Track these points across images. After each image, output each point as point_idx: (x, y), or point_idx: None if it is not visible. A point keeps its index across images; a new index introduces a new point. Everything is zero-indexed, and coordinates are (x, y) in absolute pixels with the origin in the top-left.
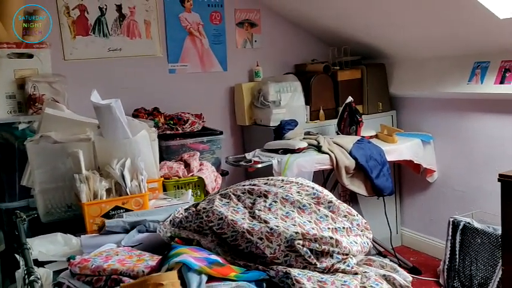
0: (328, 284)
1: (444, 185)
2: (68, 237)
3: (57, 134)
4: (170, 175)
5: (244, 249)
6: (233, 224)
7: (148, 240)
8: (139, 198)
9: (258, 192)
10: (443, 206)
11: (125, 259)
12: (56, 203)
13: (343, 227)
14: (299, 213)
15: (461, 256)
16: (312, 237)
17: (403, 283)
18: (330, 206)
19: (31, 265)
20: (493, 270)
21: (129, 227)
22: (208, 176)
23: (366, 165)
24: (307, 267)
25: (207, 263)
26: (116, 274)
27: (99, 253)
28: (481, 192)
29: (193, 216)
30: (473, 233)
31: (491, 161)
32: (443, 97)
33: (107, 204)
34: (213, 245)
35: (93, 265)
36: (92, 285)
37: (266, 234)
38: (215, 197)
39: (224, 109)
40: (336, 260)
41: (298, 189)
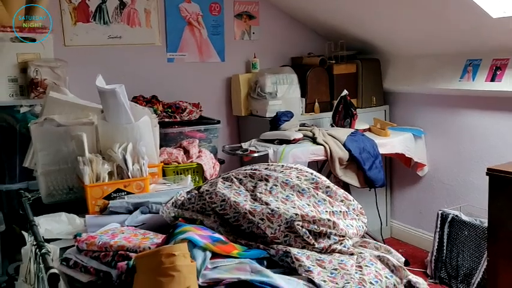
0: (326, 263)
1: (434, 179)
2: (72, 216)
3: (61, 117)
4: (170, 161)
5: (246, 230)
6: (235, 205)
7: (151, 221)
8: (141, 182)
9: (259, 176)
10: (432, 200)
11: (131, 237)
12: (57, 185)
13: (340, 211)
14: (298, 197)
15: (448, 247)
16: (310, 219)
17: (396, 263)
18: (327, 191)
19: (41, 240)
20: (479, 261)
21: (132, 208)
22: (206, 163)
23: (359, 157)
24: (306, 247)
25: (211, 241)
26: (123, 250)
27: (105, 231)
28: (469, 186)
29: (196, 198)
30: (460, 226)
31: (480, 157)
32: (436, 93)
33: (109, 187)
34: (216, 225)
35: (100, 242)
36: (99, 260)
37: (267, 215)
38: (218, 180)
39: (221, 99)
40: (333, 241)
41: (298, 174)
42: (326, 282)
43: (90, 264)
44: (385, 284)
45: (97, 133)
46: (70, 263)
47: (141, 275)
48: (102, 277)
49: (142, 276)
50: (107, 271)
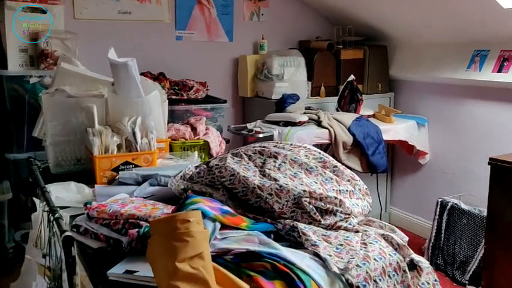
0: (332, 238)
1: (435, 167)
2: (81, 186)
3: (72, 89)
4: (177, 137)
5: (254, 204)
6: (244, 180)
7: (160, 193)
8: (149, 156)
9: (268, 153)
10: (432, 188)
11: (140, 206)
12: (66, 155)
13: (346, 190)
14: (306, 175)
15: (446, 235)
16: (318, 196)
17: (400, 242)
18: (334, 170)
19: (53, 205)
20: (475, 249)
21: (141, 180)
22: (213, 140)
23: (363, 142)
24: (312, 223)
25: (220, 212)
26: (133, 218)
27: (115, 200)
28: (469, 176)
29: (205, 172)
30: (459, 214)
31: (482, 147)
32: (441, 82)
33: (118, 159)
34: (225, 198)
35: (110, 210)
36: (110, 227)
37: (275, 190)
38: (227, 155)
39: (227, 79)
40: (339, 218)
41: (306, 153)
42: (331, 257)
43: (101, 231)
44: (389, 261)
45: (107, 106)
46: (80, 230)
47: (156, 239)
48: (112, 244)
49: (157, 240)
50: (117, 238)
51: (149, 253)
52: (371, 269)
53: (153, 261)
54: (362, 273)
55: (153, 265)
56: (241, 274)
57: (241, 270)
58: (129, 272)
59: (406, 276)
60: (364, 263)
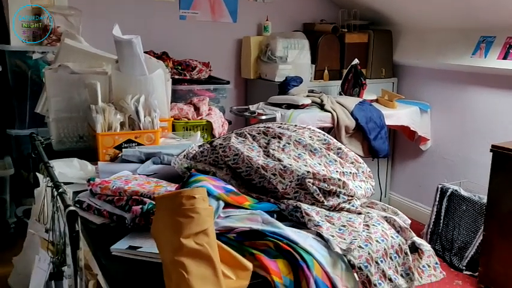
0: (335, 219)
1: (436, 153)
2: (84, 162)
3: (75, 65)
4: (180, 116)
5: (257, 184)
6: (248, 160)
7: (163, 171)
8: (152, 134)
9: (273, 133)
10: (432, 174)
11: (144, 184)
12: (68, 132)
13: (350, 172)
14: (310, 156)
15: (445, 221)
16: (321, 177)
17: (402, 225)
18: (339, 152)
19: (57, 180)
20: (474, 235)
21: (144, 158)
22: (216, 121)
23: (366, 127)
24: (315, 204)
25: (224, 191)
26: (137, 195)
27: (118, 177)
28: (470, 163)
29: (209, 151)
30: (459, 200)
31: (484, 134)
32: (446, 68)
33: (120, 137)
34: (228, 178)
35: (114, 186)
36: (113, 204)
37: (279, 171)
38: (231, 135)
39: (230, 60)
40: (342, 200)
41: (311, 134)
42: (334, 238)
43: (104, 207)
44: (391, 243)
45: (110, 83)
46: (83, 206)
47: (161, 215)
48: (116, 220)
49: (162, 216)
50: (120, 215)
51: (154, 229)
52: (373, 250)
53: (158, 237)
54: (364, 254)
55: (158, 240)
56: (244, 252)
57: (244, 249)
58: (132, 248)
59: (408, 259)
60: (366, 245)
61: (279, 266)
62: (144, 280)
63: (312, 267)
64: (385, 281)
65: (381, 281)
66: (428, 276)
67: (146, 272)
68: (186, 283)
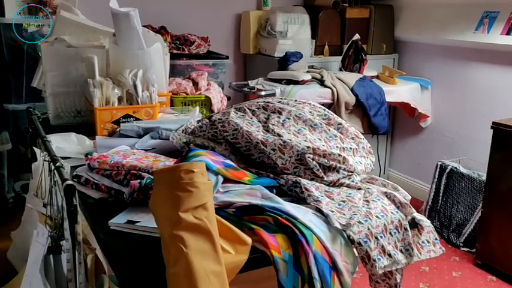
0: (335, 194)
1: (435, 130)
2: (81, 137)
3: (72, 39)
4: (178, 91)
5: (257, 159)
6: (248, 135)
7: (161, 146)
8: (150, 109)
9: (273, 108)
10: (431, 151)
11: (142, 158)
12: (65, 107)
13: (350, 148)
14: (310, 131)
15: (444, 198)
16: (321, 152)
17: (402, 200)
18: (339, 127)
19: (54, 154)
20: (472, 212)
21: (142, 132)
22: (215, 96)
23: (366, 103)
24: (315, 179)
25: (223, 166)
26: (135, 170)
27: (116, 152)
28: (470, 140)
29: (208, 126)
30: (458, 177)
31: (485, 111)
32: (447, 44)
33: (118, 111)
34: (227, 153)
35: (112, 161)
36: (111, 178)
37: (279, 146)
38: (230, 110)
39: (229, 35)
40: (342, 175)
41: (311, 109)
42: (334, 213)
43: (102, 181)
44: (391, 218)
45: (107, 57)
46: (81, 180)
47: (159, 189)
48: (114, 195)
49: (160, 190)
50: (118, 189)
51: (152, 203)
52: (372, 226)
53: (156, 211)
54: (363, 229)
55: (156, 215)
56: (243, 227)
57: (243, 223)
58: (130, 222)
59: (407, 234)
60: (366, 220)
61: (278, 241)
62: (143, 254)
63: (311, 242)
64: (384, 256)
65: (380, 256)
66: (427, 252)
67: (145, 246)
68: (184, 257)
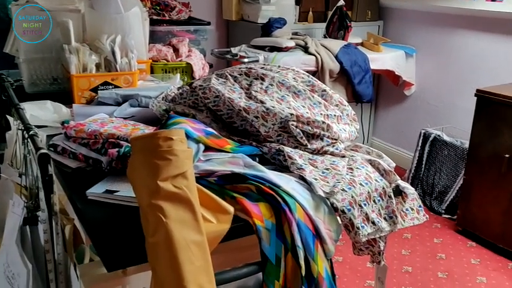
0: (318, 162)
1: (419, 99)
2: (58, 105)
3: (45, 1)
4: (158, 58)
5: (239, 127)
6: (230, 101)
7: (141, 114)
8: (129, 76)
9: (255, 74)
10: (415, 119)
11: (121, 126)
12: (41, 74)
13: (334, 115)
14: (294, 98)
15: (426, 166)
16: (305, 120)
17: (386, 168)
18: (323, 94)
19: (28, 122)
20: (454, 180)
21: (121, 100)
22: (196, 63)
23: (350, 70)
24: (298, 147)
25: (204, 134)
26: (113, 138)
27: (94, 120)
28: (454, 108)
29: (188, 93)
30: (441, 145)
31: (469, 79)
32: (433, 10)
33: (96, 79)
34: (208, 120)
35: (89, 129)
36: (89, 147)
37: (262, 113)
38: (211, 76)
39: (211, 1)
40: (326, 143)
41: (294, 76)
42: (317, 181)
43: (79, 150)
44: (375, 186)
45: (83, 22)
46: (58, 149)
47: (137, 157)
48: (92, 164)
49: (138, 158)
50: (96, 158)
51: (130, 171)
52: (356, 193)
53: (134, 180)
54: (347, 197)
55: (134, 184)
56: (225, 196)
57: (224, 192)
58: (109, 192)
59: (391, 202)
60: (349, 188)
61: (260, 210)
62: (122, 224)
63: (294, 210)
64: (368, 224)
65: (364, 224)
66: (411, 219)
67: (123, 216)
68: (164, 227)
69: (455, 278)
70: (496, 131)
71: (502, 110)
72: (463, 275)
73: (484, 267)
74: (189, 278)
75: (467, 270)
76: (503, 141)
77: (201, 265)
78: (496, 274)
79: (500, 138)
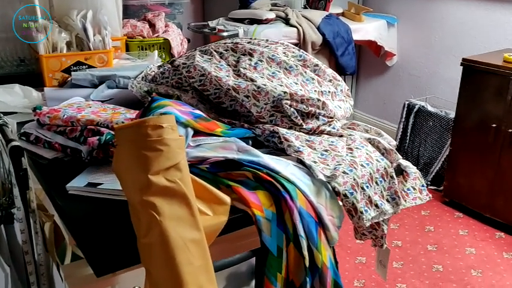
0: (316, 144)
1: (402, 69)
2: (27, 89)
3: None
4: (134, 34)
5: (228, 107)
6: (217, 80)
7: (120, 96)
8: (104, 55)
9: (243, 50)
10: (398, 91)
11: (99, 111)
12: (6, 55)
13: (329, 91)
14: (285, 74)
15: (411, 138)
16: (299, 98)
17: (387, 146)
18: (316, 69)
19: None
20: (439, 151)
21: (97, 82)
22: (174, 39)
23: (333, 42)
24: (293, 127)
25: (192, 117)
26: (93, 125)
27: (69, 105)
28: (437, 78)
29: (171, 72)
30: (426, 116)
31: (452, 48)
32: None
33: (68, 59)
34: (195, 101)
35: (65, 115)
36: (65, 135)
37: (253, 92)
38: (195, 53)
39: None
40: (322, 122)
41: (284, 50)
42: (317, 164)
43: (55, 139)
44: (376, 166)
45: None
46: (31, 138)
47: (123, 149)
48: (70, 153)
49: (125, 150)
50: (75, 147)
51: (116, 165)
52: (358, 175)
53: (121, 175)
54: (349, 180)
55: (121, 179)
56: (219, 185)
57: (218, 180)
58: (92, 185)
59: (393, 182)
60: (351, 170)
61: (259, 198)
62: (109, 221)
63: (295, 198)
64: (371, 208)
65: (367, 207)
66: (413, 199)
67: (110, 211)
68: (158, 225)
69: (444, 250)
70: (482, 100)
71: (488, 78)
72: (452, 246)
73: (472, 237)
74: (188, 280)
75: (456, 242)
76: (490, 111)
77: (200, 265)
78: (484, 244)
79: (486, 107)
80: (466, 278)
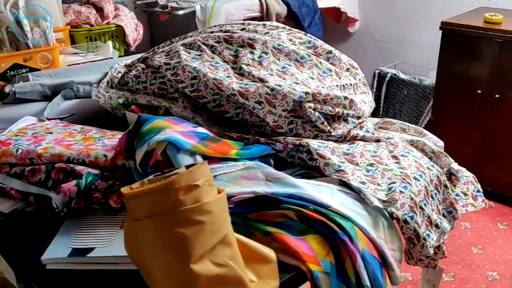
0: (357, 157)
1: (365, 35)
2: None
3: None
4: (79, 23)
5: (233, 117)
6: (216, 84)
7: (82, 109)
8: (48, 53)
9: (239, 40)
10: (364, 58)
11: (65, 138)
12: None
13: (350, 84)
14: (298, 68)
15: (385, 108)
16: (322, 98)
17: (435, 149)
18: (329, 57)
19: None
20: (417, 120)
21: (49, 93)
22: (128, 24)
23: (299, 12)
24: (319, 135)
25: (199, 140)
26: (63, 162)
27: (20, 131)
28: (404, 43)
29: (149, 76)
30: (399, 85)
31: (417, 9)
32: None
33: (2, 62)
34: (190, 113)
35: (18, 150)
36: (25, 178)
37: (266, 96)
38: (176, 47)
39: None
40: (352, 125)
41: (289, 36)
42: (366, 185)
43: (10, 184)
44: (429, 177)
45: None
46: None
47: (144, 226)
48: (34, 201)
49: (146, 228)
50: (40, 193)
51: (132, 249)
52: (415, 192)
53: (144, 264)
54: (406, 201)
55: (145, 269)
56: (252, 230)
57: (251, 226)
58: (79, 252)
59: (448, 192)
60: (405, 186)
61: (311, 246)
62: None
63: (355, 238)
64: (432, 230)
65: (429, 230)
66: (463, 206)
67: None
68: None
69: None
70: (465, 65)
71: (470, 41)
72: None
73: None
74: None
75: None
76: (475, 76)
77: None
78: (477, 216)
79: (470, 73)
80: (469, 257)
